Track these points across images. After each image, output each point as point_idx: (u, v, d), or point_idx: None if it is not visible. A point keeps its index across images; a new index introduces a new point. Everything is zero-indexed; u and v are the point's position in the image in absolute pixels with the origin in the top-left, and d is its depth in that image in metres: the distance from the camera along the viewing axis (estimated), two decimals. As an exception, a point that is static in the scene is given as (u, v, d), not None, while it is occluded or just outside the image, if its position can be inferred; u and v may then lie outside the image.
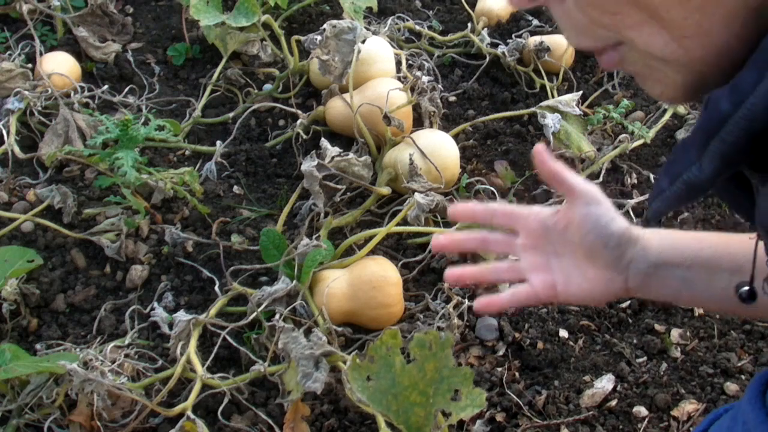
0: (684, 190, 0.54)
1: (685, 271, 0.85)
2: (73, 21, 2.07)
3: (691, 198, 0.55)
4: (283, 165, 1.79)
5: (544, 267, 0.92)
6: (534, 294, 0.92)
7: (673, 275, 0.86)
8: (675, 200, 0.56)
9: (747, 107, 0.47)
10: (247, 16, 1.86)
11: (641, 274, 0.87)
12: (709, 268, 0.84)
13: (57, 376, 1.27)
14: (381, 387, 1.13)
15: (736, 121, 0.48)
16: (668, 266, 0.86)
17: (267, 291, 1.40)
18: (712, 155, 0.51)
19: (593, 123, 1.80)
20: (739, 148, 0.49)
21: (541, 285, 0.92)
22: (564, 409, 1.31)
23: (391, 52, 1.87)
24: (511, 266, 0.95)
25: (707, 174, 0.52)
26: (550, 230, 0.92)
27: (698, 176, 0.52)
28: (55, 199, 1.63)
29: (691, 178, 0.53)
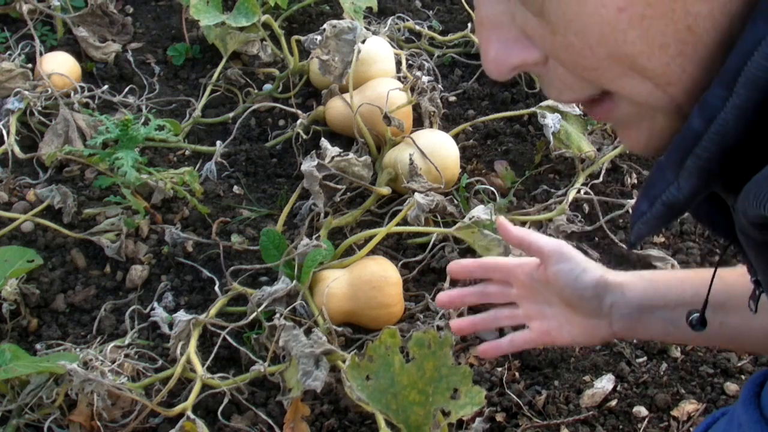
0: (664, 210, 0.54)
1: (669, 313, 0.87)
2: (73, 21, 2.07)
3: (671, 218, 0.55)
4: (283, 165, 1.79)
5: (540, 315, 0.99)
6: (531, 340, 1.01)
7: (657, 317, 0.88)
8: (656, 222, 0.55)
9: (719, 123, 0.47)
10: (247, 16, 1.86)
11: (625, 318, 0.90)
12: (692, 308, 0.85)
13: (57, 376, 1.27)
14: (380, 386, 1.13)
15: (709, 137, 0.48)
16: (652, 309, 0.88)
17: (267, 291, 1.40)
18: (689, 173, 0.50)
19: (593, 123, 1.80)
20: (713, 164, 0.49)
21: (537, 332, 1.00)
22: (564, 409, 1.31)
23: (391, 52, 1.87)
24: (511, 313, 1.03)
25: (685, 193, 0.52)
26: (537, 282, 0.97)
27: (676, 195, 0.52)
28: (55, 199, 1.63)
29: (670, 198, 0.53)
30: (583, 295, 0.91)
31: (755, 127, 0.47)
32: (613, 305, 0.90)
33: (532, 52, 0.54)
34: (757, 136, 0.47)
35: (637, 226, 0.57)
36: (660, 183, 0.53)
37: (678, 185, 0.51)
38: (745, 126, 0.47)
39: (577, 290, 0.91)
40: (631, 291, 0.89)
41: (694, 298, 0.85)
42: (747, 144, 0.48)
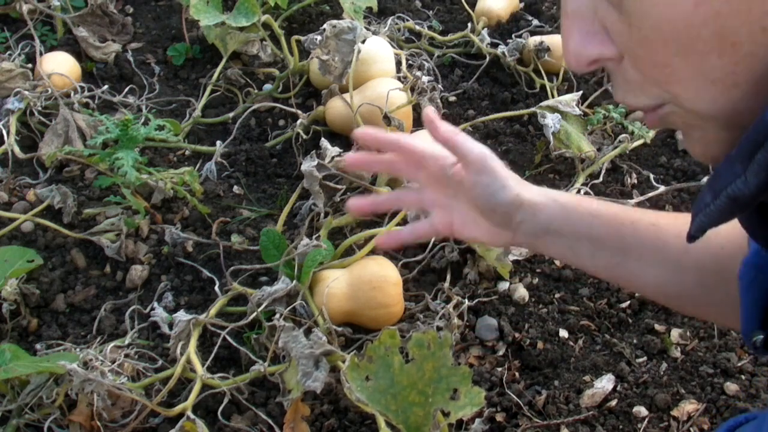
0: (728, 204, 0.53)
1: (572, 242, 0.88)
2: (73, 21, 2.07)
3: (735, 213, 0.54)
4: (283, 165, 1.79)
5: (445, 206, 0.96)
6: (433, 230, 0.98)
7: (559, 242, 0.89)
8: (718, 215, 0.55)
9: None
10: (247, 16, 1.86)
11: (529, 235, 0.90)
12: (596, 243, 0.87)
13: (57, 376, 1.27)
14: (380, 387, 1.13)
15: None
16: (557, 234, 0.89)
17: (267, 291, 1.40)
18: (758, 167, 0.49)
19: (593, 123, 1.80)
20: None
21: (440, 222, 0.97)
22: (564, 409, 1.31)
23: (391, 52, 1.87)
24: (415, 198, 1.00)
25: (752, 187, 0.51)
26: (449, 179, 0.95)
27: (742, 189, 0.51)
28: (55, 199, 1.63)
29: (735, 192, 0.52)
30: (496, 209, 0.91)
31: None
32: (522, 222, 0.90)
33: (609, 47, 0.55)
34: None
35: (699, 217, 0.57)
36: (727, 175, 0.52)
37: (745, 179, 0.50)
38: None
39: (490, 204, 0.90)
40: (543, 213, 0.90)
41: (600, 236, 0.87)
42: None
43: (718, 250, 0.83)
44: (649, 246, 0.85)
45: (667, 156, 1.83)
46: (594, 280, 1.54)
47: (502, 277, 1.51)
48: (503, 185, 0.90)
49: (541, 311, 1.47)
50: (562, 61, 1.98)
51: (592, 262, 0.90)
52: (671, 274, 0.85)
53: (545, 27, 2.16)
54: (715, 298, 0.84)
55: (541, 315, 1.46)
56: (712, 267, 0.84)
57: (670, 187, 1.70)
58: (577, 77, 2.01)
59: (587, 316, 1.47)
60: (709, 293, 0.85)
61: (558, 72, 1.99)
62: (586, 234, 0.88)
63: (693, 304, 0.89)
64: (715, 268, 0.83)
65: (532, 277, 1.53)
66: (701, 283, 0.85)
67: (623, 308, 1.48)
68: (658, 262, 0.85)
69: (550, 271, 1.54)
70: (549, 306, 1.48)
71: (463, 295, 1.47)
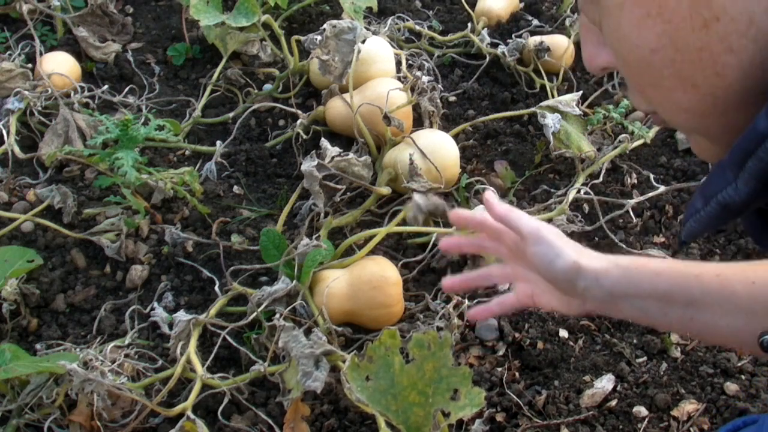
0: (718, 210, 0.54)
1: (640, 302, 0.90)
2: (73, 21, 2.07)
3: (725, 219, 0.55)
4: (283, 165, 1.79)
5: (526, 277, 1.03)
6: (517, 302, 1.04)
7: (628, 304, 0.90)
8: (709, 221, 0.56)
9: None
10: (247, 16, 1.86)
11: (597, 301, 0.92)
12: (664, 300, 0.88)
13: (57, 376, 1.27)
14: (380, 387, 1.13)
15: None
16: (624, 297, 0.91)
17: (267, 291, 1.40)
18: (749, 175, 0.50)
19: (593, 123, 1.80)
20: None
21: (522, 293, 1.03)
22: (564, 409, 1.31)
23: (391, 52, 1.87)
24: (503, 272, 1.06)
25: (742, 195, 0.52)
26: (521, 251, 1.00)
27: (733, 197, 0.52)
28: (55, 199, 1.63)
29: (726, 199, 0.53)
30: (557, 278, 0.93)
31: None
32: (586, 290, 0.92)
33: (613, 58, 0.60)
34: None
35: (689, 223, 0.58)
36: (718, 182, 0.54)
37: (736, 186, 0.52)
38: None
39: (550, 273, 0.94)
40: (605, 278, 0.91)
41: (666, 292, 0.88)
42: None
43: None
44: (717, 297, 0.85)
45: (667, 156, 1.83)
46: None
47: (502, 277, 1.51)
48: (558, 254, 0.93)
49: (541, 311, 1.47)
50: (562, 61, 1.98)
51: (666, 320, 0.90)
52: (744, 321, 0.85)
53: (545, 27, 2.16)
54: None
55: (541, 315, 1.46)
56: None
57: (670, 187, 1.70)
58: (577, 77, 2.02)
59: (587, 316, 1.47)
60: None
61: (558, 72, 1.99)
62: (652, 293, 0.89)
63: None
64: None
65: (532, 277, 1.53)
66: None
67: (623, 308, 1.48)
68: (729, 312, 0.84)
69: (550, 271, 1.54)
70: (549, 306, 1.48)
71: (463, 295, 1.47)
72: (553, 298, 0.99)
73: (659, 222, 1.67)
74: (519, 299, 1.03)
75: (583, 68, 2.07)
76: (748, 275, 0.84)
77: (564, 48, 1.99)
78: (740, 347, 0.95)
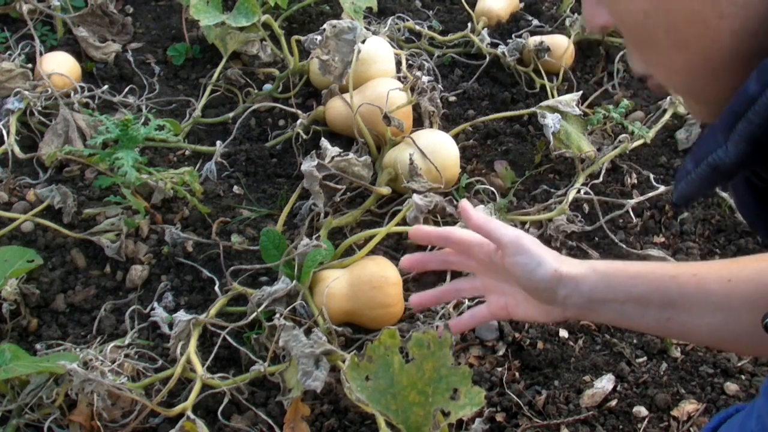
0: (708, 172, 0.55)
1: (619, 306, 0.91)
2: (73, 21, 2.07)
3: (715, 182, 0.56)
4: (283, 165, 1.79)
5: (498, 290, 1.03)
6: (490, 314, 1.05)
7: (607, 308, 0.92)
8: (699, 183, 0.57)
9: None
10: (247, 16, 1.86)
11: (576, 307, 0.94)
12: (641, 303, 0.90)
13: (57, 376, 1.27)
14: (380, 387, 1.13)
15: (763, 102, 0.49)
16: (602, 301, 0.92)
17: (267, 291, 1.40)
18: (739, 137, 0.51)
19: (593, 123, 1.80)
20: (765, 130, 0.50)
21: (495, 306, 1.04)
22: (564, 409, 1.30)
23: (391, 52, 1.87)
24: (472, 286, 1.07)
25: (732, 157, 0.52)
26: (496, 265, 1.01)
27: (723, 159, 0.53)
28: (55, 199, 1.63)
29: (716, 161, 0.54)
30: (538, 287, 0.94)
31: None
32: (567, 297, 0.93)
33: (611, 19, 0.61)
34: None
35: (680, 185, 0.59)
36: (709, 144, 0.54)
37: (726, 149, 0.52)
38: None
39: (531, 282, 0.94)
40: (584, 284, 0.92)
41: (643, 295, 0.90)
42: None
43: (763, 287, 0.85)
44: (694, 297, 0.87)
45: (667, 156, 1.83)
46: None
47: (502, 277, 1.51)
48: (539, 262, 0.94)
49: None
50: (562, 61, 1.98)
51: (644, 322, 0.91)
52: (722, 320, 0.86)
53: (545, 27, 2.16)
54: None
55: (541, 315, 1.46)
56: (764, 305, 0.84)
57: (670, 187, 1.69)
58: (577, 77, 2.02)
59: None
60: None
61: (558, 72, 1.99)
62: (630, 296, 0.90)
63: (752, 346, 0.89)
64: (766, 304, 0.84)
65: (532, 277, 1.53)
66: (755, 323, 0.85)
67: (623, 308, 1.48)
68: (706, 311, 0.86)
69: (550, 271, 1.54)
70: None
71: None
72: (530, 307, 1.00)
73: (659, 222, 1.67)
74: (491, 311, 1.04)
75: (583, 68, 2.07)
76: (723, 274, 0.87)
77: (564, 48, 1.99)
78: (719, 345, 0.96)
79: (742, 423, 0.69)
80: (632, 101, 1.92)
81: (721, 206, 1.68)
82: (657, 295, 0.89)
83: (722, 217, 1.67)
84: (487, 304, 1.05)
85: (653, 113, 1.92)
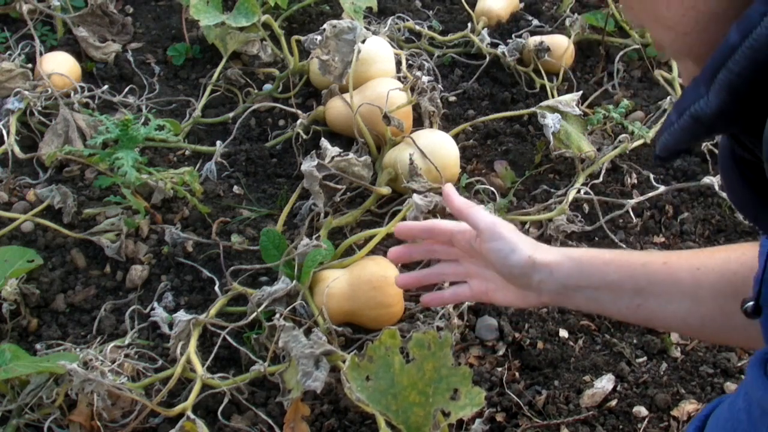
0: (691, 123, 0.56)
1: (592, 292, 0.95)
2: (73, 21, 2.07)
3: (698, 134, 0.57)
4: (283, 165, 1.79)
5: (480, 275, 1.06)
6: (471, 295, 1.09)
7: (581, 295, 0.95)
8: (682, 134, 0.57)
9: (754, 37, 0.49)
10: (247, 16, 1.86)
11: (551, 293, 0.97)
12: (614, 290, 0.93)
13: (57, 376, 1.27)
14: (380, 387, 1.13)
15: (743, 51, 0.49)
16: (576, 288, 0.95)
17: (267, 291, 1.40)
18: (719, 87, 0.52)
19: (593, 123, 1.80)
20: (744, 80, 0.50)
21: (477, 289, 1.07)
22: (564, 409, 1.31)
23: (391, 52, 1.87)
24: (455, 270, 1.10)
25: (713, 107, 0.53)
26: (475, 250, 1.04)
27: (704, 109, 0.54)
28: (55, 199, 1.63)
29: (698, 111, 0.54)
30: (513, 272, 0.98)
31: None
32: (541, 282, 0.96)
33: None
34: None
35: (663, 136, 0.60)
36: (691, 95, 0.55)
37: (707, 99, 0.53)
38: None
39: (506, 267, 0.98)
40: (558, 271, 0.95)
41: (615, 282, 0.93)
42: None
43: (731, 276, 0.88)
44: (664, 284, 0.90)
45: (667, 156, 1.82)
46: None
47: (502, 277, 1.51)
48: (513, 249, 0.97)
49: (541, 311, 1.47)
50: (562, 61, 1.98)
51: (616, 308, 0.94)
52: (690, 307, 0.89)
53: (545, 27, 2.16)
54: (735, 322, 0.86)
55: (541, 315, 1.46)
56: (729, 293, 0.87)
57: (670, 187, 1.70)
58: (577, 77, 2.02)
59: (587, 316, 1.47)
60: (729, 319, 0.88)
61: (558, 72, 1.99)
62: (603, 283, 0.93)
63: (717, 332, 0.92)
64: (732, 294, 0.86)
65: (532, 277, 1.53)
66: (721, 311, 0.88)
67: (623, 308, 1.48)
68: (675, 299, 0.89)
69: (550, 271, 1.54)
70: (548, 306, 1.48)
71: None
72: (509, 293, 1.03)
73: (659, 222, 1.67)
74: (473, 293, 1.08)
75: (583, 68, 2.07)
76: (692, 263, 0.90)
77: (564, 48, 1.99)
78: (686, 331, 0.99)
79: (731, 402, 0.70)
80: (632, 101, 1.92)
81: (721, 206, 1.68)
82: (629, 282, 0.92)
83: (722, 217, 1.67)
84: (469, 286, 1.09)
85: (653, 113, 1.92)
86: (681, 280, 0.90)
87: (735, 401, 0.69)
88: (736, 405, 0.68)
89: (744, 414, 0.65)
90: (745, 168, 0.62)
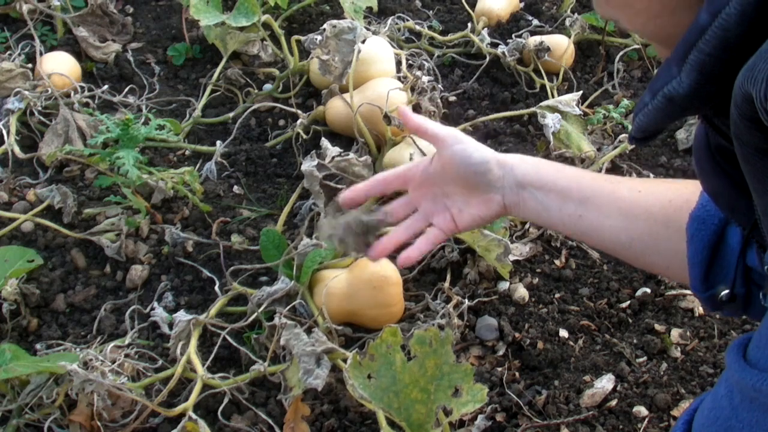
0: (664, 103, 0.57)
1: (543, 195, 0.99)
2: (73, 21, 2.07)
3: (671, 114, 0.58)
4: (283, 165, 1.79)
5: (440, 208, 1.05)
6: (440, 233, 1.06)
7: (533, 197, 0.99)
8: (656, 114, 0.58)
9: (723, 17, 0.50)
10: (247, 16, 1.86)
11: (512, 192, 1.00)
12: (562, 196, 0.98)
13: (57, 376, 1.26)
14: (382, 385, 1.13)
15: (713, 31, 0.50)
16: (530, 188, 0.99)
17: (267, 291, 1.40)
18: (691, 67, 0.53)
19: (593, 123, 1.80)
20: (714, 60, 0.51)
21: (442, 222, 1.05)
22: (564, 409, 1.30)
23: (391, 52, 1.87)
24: (416, 219, 1.08)
25: (685, 86, 0.54)
26: (432, 175, 1.05)
27: (677, 89, 0.55)
28: (55, 199, 1.63)
29: (670, 91, 0.55)
30: (477, 169, 1.00)
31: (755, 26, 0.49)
32: (501, 178, 1.00)
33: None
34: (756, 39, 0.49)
35: (638, 117, 0.61)
36: (664, 76, 0.56)
37: (680, 79, 0.54)
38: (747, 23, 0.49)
39: (471, 166, 1.00)
40: (517, 168, 1.00)
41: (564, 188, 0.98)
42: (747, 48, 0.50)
43: (666, 202, 0.93)
44: (606, 198, 0.96)
45: (667, 156, 1.83)
46: (594, 280, 1.54)
47: (502, 277, 1.51)
48: (476, 148, 1.01)
49: (541, 311, 1.47)
50: (562, 61, 1.98)
51: (560, 216, 0.98)
52: (624, 223, 0.95)
53: (545, 27, 2.16)
54: (661, 247, 0.93)
55: (541, 315, 1.46)
56: (660, 218, 0.93)
57: (670, 187, 1.70)
58: (577, 77, 2.02)
59: (587, 316, 1.47)
60: (657, 243, 0.94)
61: (558, 72, 1.99)
62: (553, 187, 0.98)
63: (642, 254, 0.97)
64: (663, 220, 0.92)
65: (532, 277, 1.53)
66: (650, 232, 0.94)
67: (623, 308, 1.48)
68: (613, 214, 0.95)
69: (550, 271, 1.54)
70: (549, 306, 1.48)
71: (463, 295, 1.47)
72: (472, 207, 1.03)
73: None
74: (443, 230, 1.06)
75: (583, 68, 2.07)
76: (636, 186, 0.96)
77: (564, 48, 1.99)
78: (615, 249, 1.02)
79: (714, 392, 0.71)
80: (632, 101, 1.92)
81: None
82: (576, 190, 0.97)
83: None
84: (435, 227, 1.07)
85: (653, 113, 1.92)
86: (622, 198, 0.95)
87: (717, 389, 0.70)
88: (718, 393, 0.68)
89: (726, 400, 0.66)
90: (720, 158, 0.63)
